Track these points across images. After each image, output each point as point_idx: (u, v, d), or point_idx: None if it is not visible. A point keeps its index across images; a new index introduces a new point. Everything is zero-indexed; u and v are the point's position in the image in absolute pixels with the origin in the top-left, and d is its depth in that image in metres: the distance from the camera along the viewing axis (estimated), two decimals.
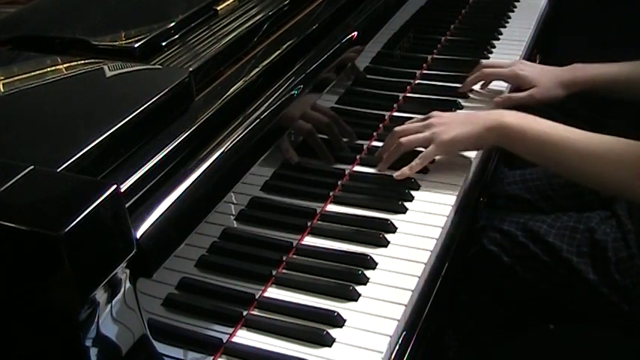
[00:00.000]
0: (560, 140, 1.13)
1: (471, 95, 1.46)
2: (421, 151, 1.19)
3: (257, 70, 0.98)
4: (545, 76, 1.40)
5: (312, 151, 1.14)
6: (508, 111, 1.20)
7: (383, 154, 1.22)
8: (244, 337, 0.92)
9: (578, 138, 1.12)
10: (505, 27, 1.77)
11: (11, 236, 0.62)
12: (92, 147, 0.73)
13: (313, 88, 1.07)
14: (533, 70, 1.42)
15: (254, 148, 0.93)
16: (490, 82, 1.46)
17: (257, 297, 0.97)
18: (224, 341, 0.90)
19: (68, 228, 0.60)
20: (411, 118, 1.35)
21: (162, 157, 0.79)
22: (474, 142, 1.19)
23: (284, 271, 1.02)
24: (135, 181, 0.75)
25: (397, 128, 1.22)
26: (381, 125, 1.35)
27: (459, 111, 1.37)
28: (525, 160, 1.22)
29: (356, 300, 0.96)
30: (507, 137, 1.16)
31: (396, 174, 1.17)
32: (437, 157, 1.21)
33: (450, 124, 1.19)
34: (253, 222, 0.98)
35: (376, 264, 1.02)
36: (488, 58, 1.62)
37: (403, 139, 1.19)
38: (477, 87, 1.47)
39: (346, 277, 0.99)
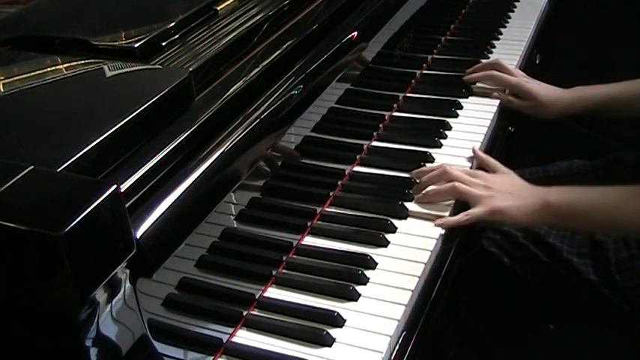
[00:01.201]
0: (607, 206, 1.12)
1: (471, 96, 1.46)
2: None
3: (257, 70, 0.98)
4: (547, 94, 1.42)
5: (312, 151, 1.14)
6: (551, 189, 1.16)
7: (424, 184, 1.18)
8: (244, 337, 0.92)
9: (618, 199, 1.12)
10: (505, 27, 1.77)
11: (11, 236, 0.62)
12: (92, 147, 0.73)
13: (313, 88, 1.07)
14: (537, 86, 1.44)
15: (254, 148, 0.93)
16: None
17: (257, 297, 0.97)
18: (224, 341, 0.90)
19: (68, 228, 0.60)
20: (411, 118, 1.35)
21: (162, 157, 0.79)
22: (521, 220, 1.15)
23: (284, 271, 1.02)
24: (135, 181, 0.75)
25: (449, 168, 1.17)
26: (381, 125, 1.35)
27: (510, 175, 1.24)
28: (525, 161, 1.22)
29: (356, 300, 0.96)
30: (556, 217, 1.14)
31: (437, 221, 1.12)
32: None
33: (502, 192, 1.15)
34: (253, 222, 0.98)
35: (376, 264, 1.02)
36: (488, 58, 1.62)
37: (461, 187, 1.14)
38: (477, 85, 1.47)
39: (346, 277, 0.99)
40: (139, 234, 0.72)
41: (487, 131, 1.35)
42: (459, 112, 1.40)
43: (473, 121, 1.38)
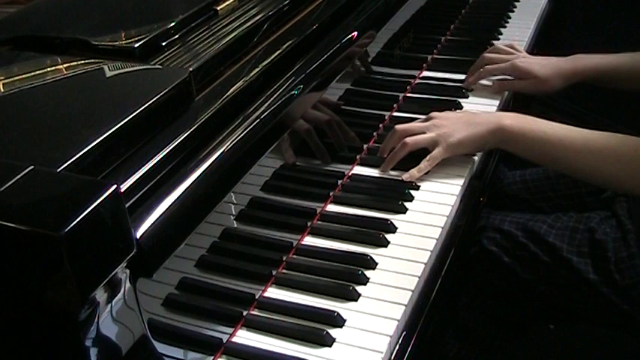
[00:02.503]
0: (559, 139, 1.15)
1: (471, 95, 1.46)
2: (421, 151, 1.19)
3: (257, 70, 0.98)
4: (546, 67, 1.41)
5: (312, 151, 1.14)
6: (507, 113, 1.23)
7: (384, 152, 1.22)
8: (244, 337, 0.92)
9: (575, 136, 1.15)
10: (505, 27, 1.77)
11: (11, 236, 0.62)
12: (92, 147, 0.73)
13: (314, 88, 1.07)
14: (533, 62, 1.43)
15: (254, 148, 0.93)
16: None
17: (257, 297, 0.97)
18: (224, 341, 0.90)
19: (68, 228, 0.60)
20: (411, 118, 1.35)
21: (162, 157, 0.79)
22: (478, 145, 1.21)
23: (284, 271, 1.02)
24: (135, 181, 0.75)
25: (398, 127, 1.22)
26: (381, 125, 1.35)
27: (457, 111, 1.36)
28: (525, 161, 1.22)
29: (356, 300, 0.96)
30: (508, 140, 1.18)
31: (404, 176, 1.18)
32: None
33: (454, 126, 1.20)
34: (253, 222, 0.98)
35: (376, 264, 1.02)
36: None
37: (409, 139, 1.19)
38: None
39: (346, 277, 0.99)
40: (139, 234, 0.72)
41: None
42: (458, 111, 1.40)
43: None
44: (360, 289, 0.98)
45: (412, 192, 1.16)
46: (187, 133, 0.83)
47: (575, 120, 1.22)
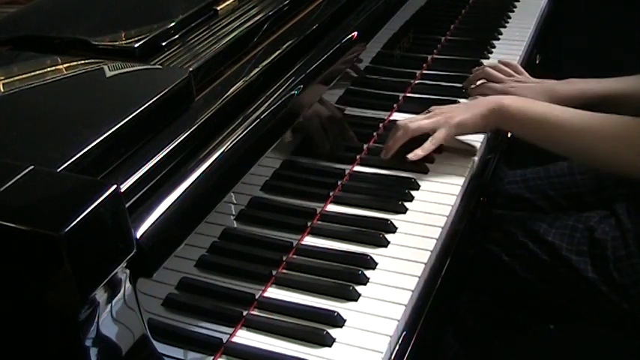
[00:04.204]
0: (558, 118, 1.17)
1: (471, 96, 1.46)
2: (423, 140, 1.21)
3: (257, 70, 0.98)
4: (536, 91, 1.37)
5: (312, 151, 1.14)
6: (507, 95, 1.26)
7: (388, 146, 1.23)
8: (244, 337, 0.92)
9: (574, 115, 1.17)
10: (505, 27, 1.77)
11: (11, 236, 0.62)
12: (92, 147, 0.73)
13: (313, 87, 1.07)
14: (526, 87, 1.39)
15: (254, 148, 0.93)
16: None
17: (257, 297, 0.97)
18: (224, 341, 0.90)
19: (68, 228, 0.60)
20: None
21: (162, 157, 0.79)
22: (479, 124, 1.23)
23: (284, 271, 1.02)
24: (135, 181, 0.75)
25: (400, 121, 1.24)
26: (381, 125, 1.35)
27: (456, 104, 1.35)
28: (525, 161, 1.22)
29: (356, 300, 0.96)
30: (507, 118, 1.21)
31: (409, 155, 1.20)
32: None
33: (453, 111, 1.24)
34: (253, 222, 0.98)
35: (376, 264, 1.02)
36: (488, 58, 1.62)
37: (411, 124, 1.21)
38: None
39: (346, 277, 0.99)
40: (139, 234, 0.72)
41: (487, 131, 1.35)
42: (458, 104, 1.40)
43: None
44: (360, 289, 0.98)
45: (412, 192, 1.16)
46: (187, 133, 0.83)
47: None
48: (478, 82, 1.44)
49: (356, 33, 1.18)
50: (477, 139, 1.31)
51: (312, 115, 1.10)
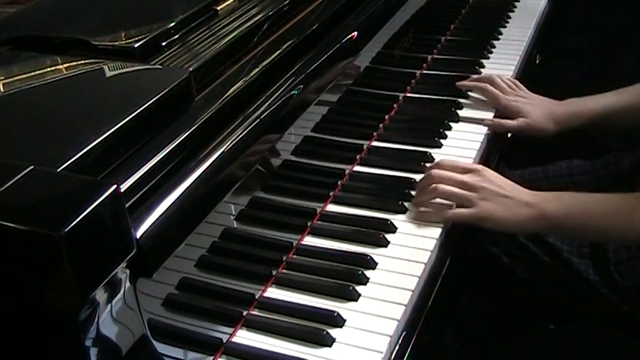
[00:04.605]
0: (603, 213, 1.10)
1: (471, 95, 1.46)
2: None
3: (257, 70, 0.98)
4: (539, 109, 1.36)
5: (312, 151, 1.14)
6: (548, 193, 1.11)
7: (416, 197, 1.15)
8: (244, 337, 0.92)
9: (617, 205, 1.10)
10: (505, 27, 1.77)
11: (11, 236, 0.62)
12: (92, 147, 0.73)
13: (313, 88, 1.07)
14: (525, 102, 1.38)
15: (254, 148, 0.93)
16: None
17: (257, 297, 0.97)
18: (224, 341, 0.90)
19: (68, 228, 0.60)
20: (411, 118, 1.35)
21: (162, 157, 0.79)
22: (511, 228, 1.12)
23: (284, 271, 1.02)
24: (135, 181, 0.75)
25: (435, 172, 1.13)
26: (381, 125, 1.35)
27: (504, 180, 1.15)
28: (525, 161, 1.22)
29: (356, 300, 0.96)
30: (551, 227, 1.12)
31: (419, 212, 1.12)
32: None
33: (494, 199, 1.10)
34: (253, 222, 0.98)
35: (376, 264, 1.02)
36: (488, 58, 1.62)
37: (441, 188, 1.11)
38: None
39: (346, 277, 0.99)
40: (139, 234, 0.72)
41: (487, 131, 1.35)
42: (458, 112, 1.40)
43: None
44: (360, 289, 0.98)
45: (412, 192, 1.16)
46: (187, 133, 0.83)
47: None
48: (480, 84, 1.44)
49: (356, 33, 1.18)
50: (476, 139, 1.31)
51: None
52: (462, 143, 1.31)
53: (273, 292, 0.98)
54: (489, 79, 1.44)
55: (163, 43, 0.95)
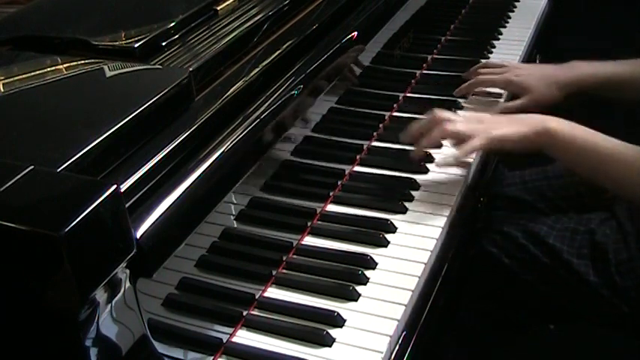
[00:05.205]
0: (610, 151, 1.10)
1: (471, 95, 1.46)
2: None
3: (257, 70, 0.98)
4: (541, 80, 1.37)
5: (312, 151, 1.14)
6: (549, 116, 1.15)
7: (414, 129, 1.18)
8: (244, 337, 0.92)
9: (623, 147, 1.10)
10: (505, 27, 1.77)
11: (11, 236, 0.62)
12: (92, 147, 0.73)
13: (313, 88, 1.07)
14: (528, 75, 1.39)
15: (254, 148, 0.93)
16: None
17: (257, 297, 0.97)
18: (224, 341, 0.90)
19: (68, 228, 0.60)
20: (410, 118, 1.35)
21: (162, 157, 0.79)
22: (522, 144, 1.14)
23: (284, 271, 1.02)
24: (135, 181, 0.75)
25: (438, 114, 1.16)
26: (381, 125, 1.35)
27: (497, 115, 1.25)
28: (525, 161, 1.22)
29: (356, 300, 0.96)
30: (554, 144, 1.13)
31: (438, 160, 1.15)
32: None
33: (495, 122, 1.15)
34: (253, 222, 0.98)
35: (376, 264, 1.02)
36: (488, 58, 1.62)
37: (449, 125, 1.13)
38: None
39: (346, 277, 0.99)
40: (139, 234, 0.72)
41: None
42: (459, 112, 1.40)
43: None
44: (360, 289, 0.98)
45: (412, 192, 1.16)
46: (187, 133, 0.83)
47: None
48: (473, 82, 1.44)
49: (356, 33, 1.18)
50: None
51: None
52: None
53: (273, 292, 0.98)
54: (476, 71, 1.44)
55: (163, 43, 0.95)
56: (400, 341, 0.92)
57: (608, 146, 1.11)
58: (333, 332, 0.91)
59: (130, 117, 0.78)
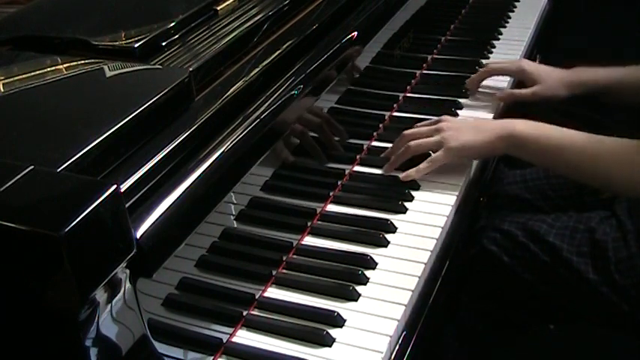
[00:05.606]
0: (572, 145, 1.14)
1: (471, 95, 1.46)
2: (429, 154, 1.19)
3: (257, 70, 0.98)
4: (549, 75, 1.41)
5: (311, 151, 1.14)
6: (518, 120, 1.19)
7: (390, 155, 1.22)
8: (244, 337, 0.92)
9: (588, 141, 1.13)
10: (505, 27, 1.77)
11: (11, 236, 0.62)
12: (92, 147, 0.73)
13: (313, 88, 1.07)
14: (538, 68, 1.43)
15: (254, 148, 0.93)
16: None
17: (257, 297, 0.97)
18: (224, 341, 0.90)
19: (68, 228, 0.60)
20: (410, 118, 1.35)
21: (162, 157, 0.79)
22: (484, 151, 1.19)
23: (284, 271, 1.02)
24: (135, 181, 0.75)
25: (406, 132, 1.22)
26: (381, 125, 1.35)
27: (467, 118, 1.35)
28: (524, 161, 1.22)
29: (356, 300, 0.96)
30: (519, 146, 1.17)
31: (402, 175, 1.18)
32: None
33: (460, 130, 1.19)
34: (253, 222, 0.98)
35: (376, 264, 1.02)
36: (488, 58, 1.63)
37: (412, 143, 1.19)
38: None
39: (346, 277, 0.99)
40: (139, 234, 0.72)
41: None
42: (459, 112, 1.40)
43: None
44: (360, 289, 0.98)
45: (412, 192, 1.16)
46: (187, 133, 0.83)
47: (578, 122, 1.21)
48: (482, 72, 1.45)
49: (356, 33, 1.18)
50: None
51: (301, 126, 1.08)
52: None
53: (273, 292, 0.98)
54: (486, 67, 1.47)
55: (163, 43, 0.95)
56: (400, 341, 0.93)
57: (570, 140, 1.14)
58: (333, 332, 0.91)
59: (130, 117, 0.78)
